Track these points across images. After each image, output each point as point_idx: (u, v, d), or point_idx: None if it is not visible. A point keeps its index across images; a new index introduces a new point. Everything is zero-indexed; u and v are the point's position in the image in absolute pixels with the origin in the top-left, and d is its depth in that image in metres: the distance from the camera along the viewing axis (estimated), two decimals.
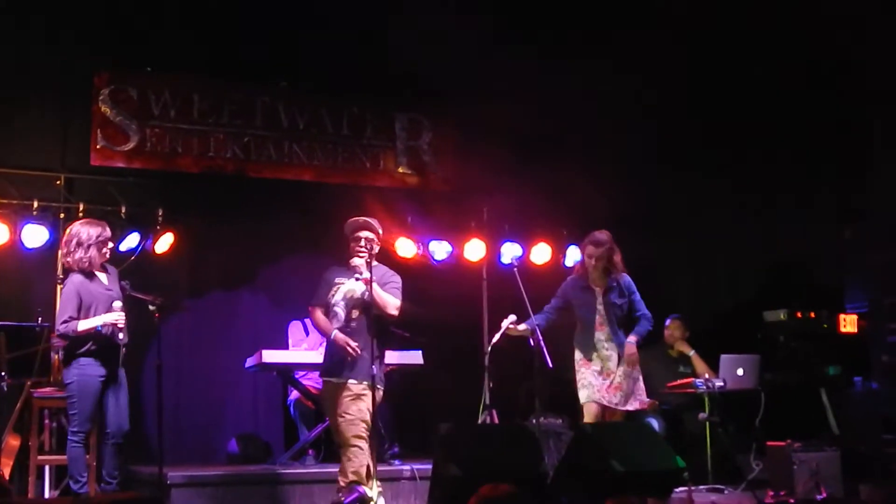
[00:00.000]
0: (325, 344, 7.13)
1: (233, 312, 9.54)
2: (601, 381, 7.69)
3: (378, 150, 10.14)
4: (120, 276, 7.15)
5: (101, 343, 6.79)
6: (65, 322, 6.73)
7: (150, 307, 7.02)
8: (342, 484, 6.83)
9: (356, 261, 6.93)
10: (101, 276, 7.00)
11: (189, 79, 9.43)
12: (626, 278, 7.91)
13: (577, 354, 7.83)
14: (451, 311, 9.71)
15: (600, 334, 7.80)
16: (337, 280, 7.03)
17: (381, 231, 7.11)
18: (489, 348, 8.12)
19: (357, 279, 6.89)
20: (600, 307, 7.83)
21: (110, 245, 7.09)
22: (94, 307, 6.79)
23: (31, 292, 8.55)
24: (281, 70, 9.69)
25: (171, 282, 8.60)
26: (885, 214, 9.53)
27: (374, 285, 6.86)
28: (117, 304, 6.84)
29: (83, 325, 6.72)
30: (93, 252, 6.89)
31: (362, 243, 6.95)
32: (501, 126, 9.79)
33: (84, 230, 6.94)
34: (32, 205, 8.51)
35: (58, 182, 8.85)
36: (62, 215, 8.68)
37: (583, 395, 7.73)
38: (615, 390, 7.67)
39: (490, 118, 9.83)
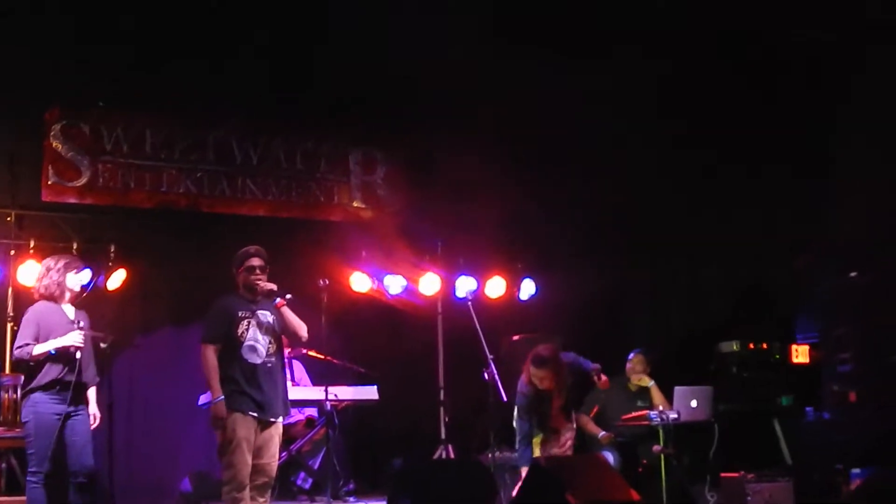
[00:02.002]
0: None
1: (186, 348, 9.40)
2: (557, 448, 7.95)
3: (332, 185, 10.14)
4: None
5: (60, 378, 6.72)
6: (20, 347, 6.72)
7: (102, 344, 6.98)
8: None
9: (268, 284, 6.86)
10: (69, 309, 6.96)
11: (141, 114, 9.39)
12: (588, 365, 8.10)
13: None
14: (407, 345, 9.71)
15: (556, 424, 8.08)
16: (241, 314, 6.81)
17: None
18: None
19: (287, 298, 6.83)
20: (556, 404, 7.98)
21: (83, 277, 7.05)
22: (52, 337, 6.75)
23: None
24: (234, 105, 9.67)
25: (123, 318, 8.52)
26: (835, 246, 9.65)
27: (286, 308, 6.83)
28: (79, 331, 6.81)
29: (38, 348, 6.69)
30: (62, 278, 6.88)
31: (257, 271, 6.89)
32: (456, 160, 9.83)
33: (55, 259, 7.04)
34: None
35: (8, 218, 8.76)
36: (13, 252, 8.60)
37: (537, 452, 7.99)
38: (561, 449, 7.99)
39: (444, 152, 9.89)
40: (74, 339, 6.72)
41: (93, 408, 6.99)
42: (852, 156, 9.78)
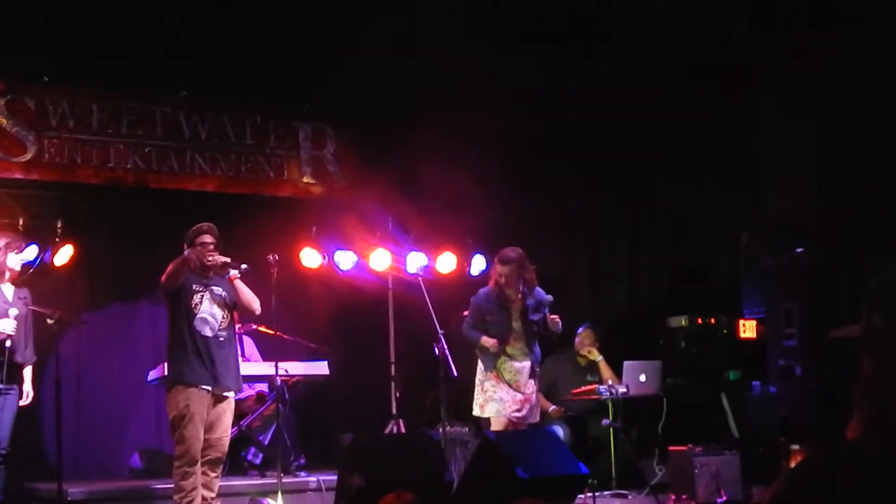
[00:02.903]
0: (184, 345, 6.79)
1: (134, 325, 9.40)
2: (512, 394, 7.69)
3: (282, 160, 10.09)
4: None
5: None
6: None
7: (49, 321, 6.92)
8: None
9: (221, 258, 6.85)
10: (8, 289, 6.88)
11: (87, 89, 9.28)
12: (542, 293, 7.95)
13: (482, 366, 7.81)
14: (358, 320, 9.71)
15: (513, 349, 7.80)
16: (195, 287, 6.81)
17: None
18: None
19: (243, 268, 6.83)
20: (516, 324, 7.84)
21: (21, 257, 6.97)
22: None
23: None
24: (181, 79, 9.58)
25: (70, 295, 8.44)
26: (780, 221, 9.74)
27: (239, 282, 6.85)
28: (13, 311, 6.73)
29: None
30: (2, 258, 6.83)
31: (210, 248, 6.87)
32: (407, 136, 9.81)
33: None
34: None
35: None
36: None
37: (491, 409, 7.70)
38: (524, 403, 7.70)
39: (394, 127, 9.86)
40: (4, 327, 6.66)
41: (27, 386, 6.94)
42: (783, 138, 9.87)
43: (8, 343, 6.71)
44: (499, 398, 7.67)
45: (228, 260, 6.82)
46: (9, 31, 8.76)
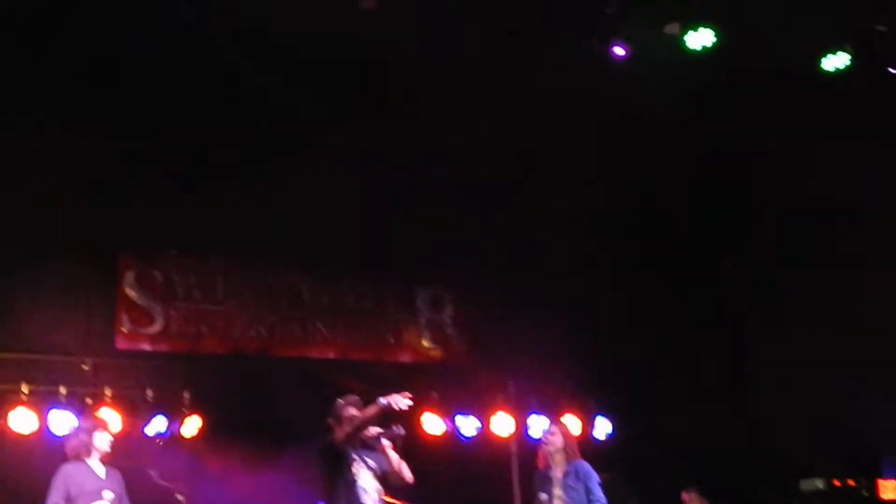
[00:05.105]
0: None
1: (260, 496, 9.34)
2: None
3: (401, 325, 10.15)
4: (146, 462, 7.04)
5: None
6: None
7: (178, 497, 6.88)
8: None
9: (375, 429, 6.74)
10: (98, 468, 6.78)
11: (212, 261, 9.50)
12: (584, 465, 7.83)
13: None
14: (481, 487, 9.54)
15: None
16: (351, 454, 6.68)
17: None
18: None
19: (398, 433, 6.70)
20: (558, 491, 7.78)
21: (108, 437, 6.91)
22: (81, 498, 6.58)
23: None
24: (303, 248, 9.70)
25: (199, 466, 8.44)
26: None
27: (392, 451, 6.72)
28: (107, 493, 6.64)
29: None
30: (86, 438, 6.76)
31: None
32: (523, 298, 9.81)
33: (83, 418, 7.10)
34: (59, 390, 8.39)
35: (84, 366, 8.76)
36: (89, 400, 8.54)
37: None
38: None
39: (510, 290, 9.88)
40: None
41: None
42: None
43: None
44: None
45: (381, 431, 6.69)
46: (136, 206, 9.00)
